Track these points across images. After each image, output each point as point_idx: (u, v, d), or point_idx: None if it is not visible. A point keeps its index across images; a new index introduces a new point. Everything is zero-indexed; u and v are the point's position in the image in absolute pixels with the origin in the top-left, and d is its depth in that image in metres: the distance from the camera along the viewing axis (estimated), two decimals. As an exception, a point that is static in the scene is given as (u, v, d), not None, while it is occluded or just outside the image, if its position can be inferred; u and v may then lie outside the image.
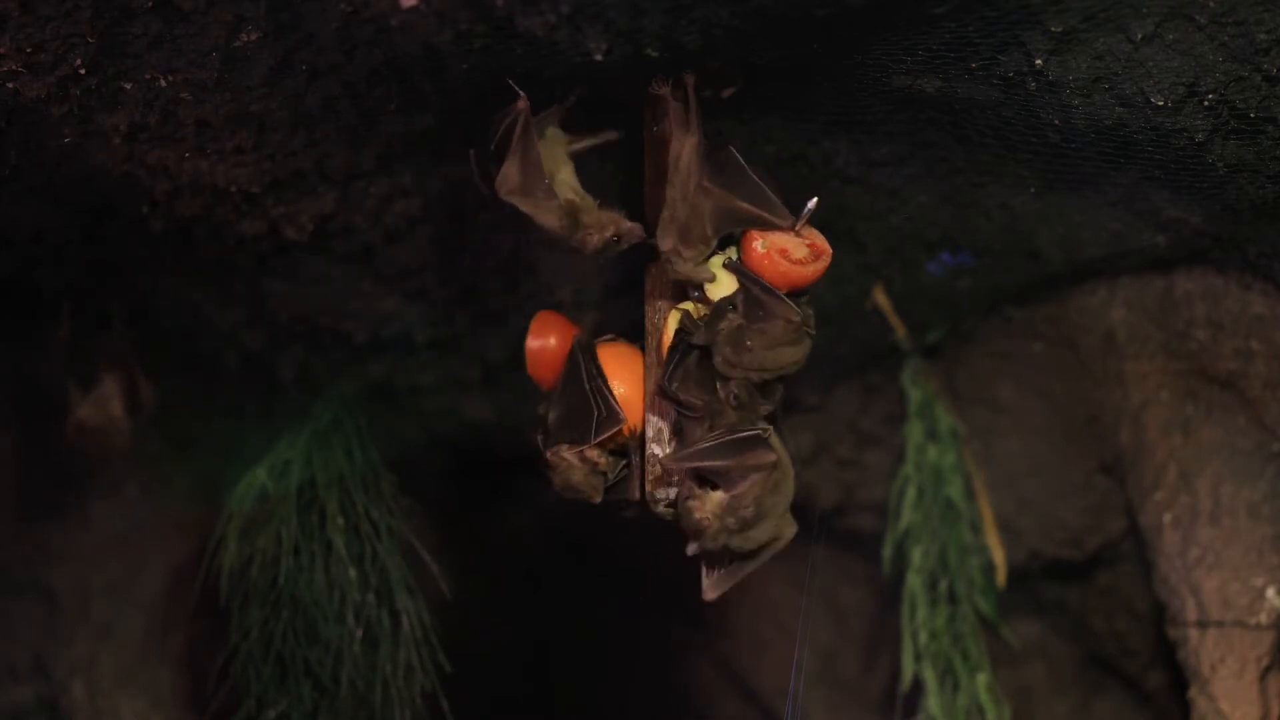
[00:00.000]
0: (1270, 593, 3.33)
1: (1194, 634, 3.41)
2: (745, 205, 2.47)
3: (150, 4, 2.31)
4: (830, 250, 2.51)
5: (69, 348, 3.61)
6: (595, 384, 2.64)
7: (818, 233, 2.53)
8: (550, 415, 2.69)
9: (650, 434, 2.61)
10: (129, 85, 2.50)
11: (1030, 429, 3.92)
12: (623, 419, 2.62)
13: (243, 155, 2.77)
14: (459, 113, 2.64)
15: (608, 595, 4.76)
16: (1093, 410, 3.75)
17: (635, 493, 2.65)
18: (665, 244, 2.49)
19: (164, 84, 2.49)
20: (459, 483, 4.31)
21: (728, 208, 2.47)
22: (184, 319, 3.56)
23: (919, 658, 3.71)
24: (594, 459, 2.63)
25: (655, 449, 2.60)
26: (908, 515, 3.75)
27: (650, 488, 2.60)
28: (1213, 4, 2.32)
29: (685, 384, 2.51)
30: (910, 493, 3.75)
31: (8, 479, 4.01)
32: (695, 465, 2.48)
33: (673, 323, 2.57)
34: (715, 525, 2.43)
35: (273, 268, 3.31)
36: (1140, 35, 2.38)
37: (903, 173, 3.01)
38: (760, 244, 2.47)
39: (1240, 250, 3.12)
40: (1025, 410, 3.90)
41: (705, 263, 2.51)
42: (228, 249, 3.17)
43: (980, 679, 3.71)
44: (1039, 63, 2.44)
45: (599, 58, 2.33)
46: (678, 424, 2.57)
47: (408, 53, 2.42)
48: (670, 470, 2.54)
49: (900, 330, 3.67)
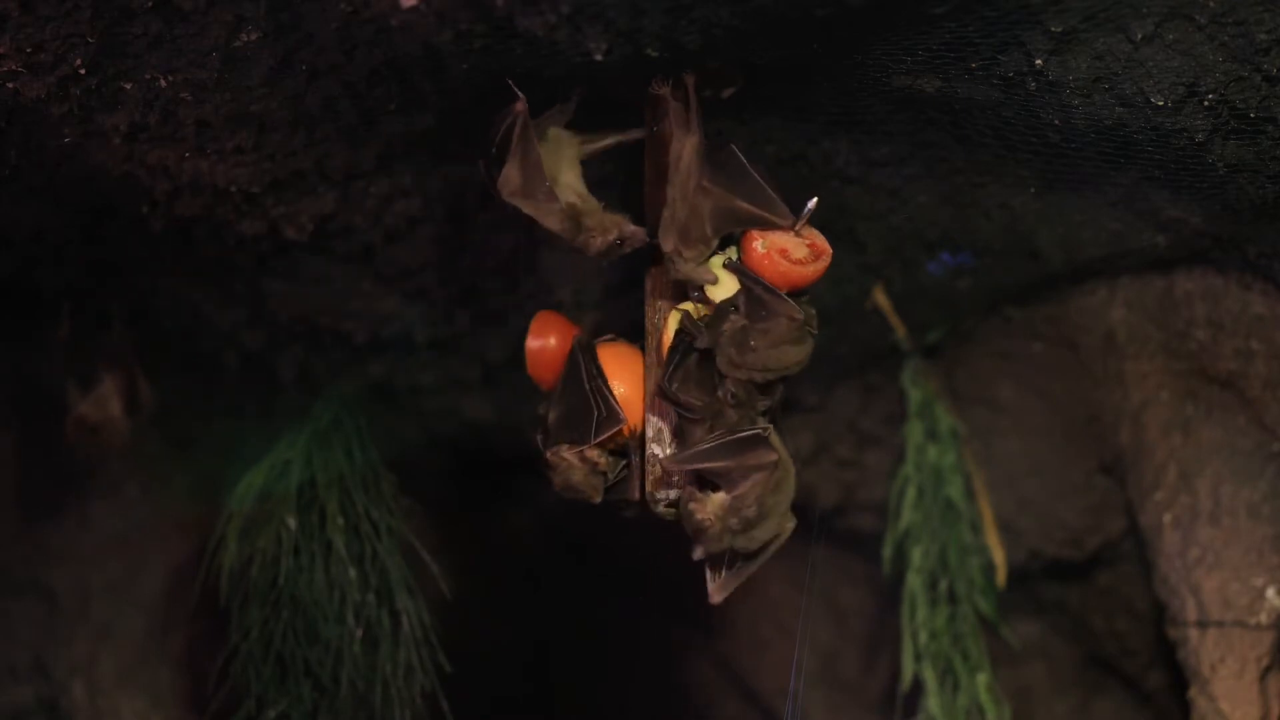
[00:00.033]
0: (1270, 593, 3.33)
1: (1194, 634, 3.41)
2: (745, 205, 2.47)
3: (150, 4, 2.31)
4: (830, 250, 2.51)
5: (69, 348, 3.61)
6: (595, 384, 2.64)
7: (818, 233, 2.53)
8: (550, 415, 2.69)
9: (650, 434, 2.60)
10: (129, 85, 2.50)
11: (1030, 429, 3.92)
12: (623, 419, 2.62)
13: (243, 155, 2.77)
14: (459, 113, 2.64)
15: (608, 595, 4.76)
16: (1093, 410, 3.75)
17: (635, 493, 2.65)
18: (667, 245, 2.49)
19: (164, 84, 2.49)
20: (459, 483, 4.31)
21: (727, 208, 2.47)
22: (184, 319, 3.56)
23: (919, 658, 3.71)
24: (594, 459, 2.63)
25: (655, 449, 2.59)
26: (908, 515, 3.75)
27: (650, 488, 2.59)
28: (1213, 4, 2.32)
29: (685, 385, 2.50)
30: (910, 493, 3.75)
31: (8, 479, 4.02)
32: (696, 466, 2.48)
33: (673, 323, 2.57)
34: (718, 526, 2.43)
35: (273, 268, 3.31)
36: (1140, 35, 2.38)
37: (903, 173, 3.01)
38: (760, 244, 2.47)
39: (1240, 250, 3.12)
40: (1025, 410, 3.90)
41: (706, 263, 2.51)
42: (228, 249, 3.17)
43: (980, 679, 3.71)
44: (1039, 63, 2.44)
45: (599, 58, 2.33)
46: (678, 425, 2.56)
47: (408, 53, 2.42)
48: (671, 471, 2.54)
49: (900, 330, 3.67)
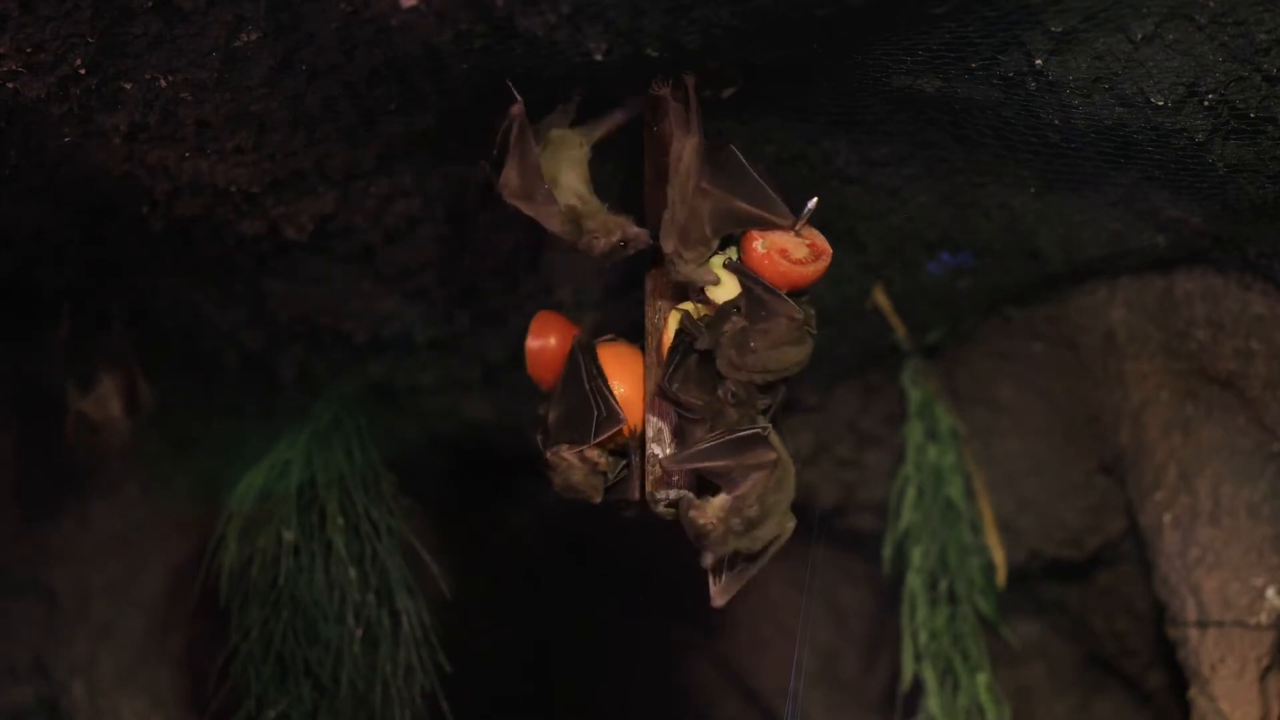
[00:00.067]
0: (1270, 593, 3.33)
1: (1194, 634, 3.41)
2: (744, 206, 2.47)
3: (150, 4, 2.31)
4: (830, 250, 2.51)
5: (69, 348, 3.61)
6: (595, 384, 2.64)
7: (818, 233, 2.53)
8: (550, 415, 2.69)
9: (650, 434, 2.60)
10: (129, 85, 2.50)
11: (1030, 429, 3.91)
12: (623, 419, 2.62)
13: (243, 155, 2.77)
14: (459, 113, 2.64)
15: (608, 595, 4.76)
16: (1093, 410, 3.75)
17: (635, 493, 2.65)
18: (667, 246, 2.49)
19: (164, 84, 2.49)
20: (459, 483, 4.31)
21: (726, 209, 2.47)
22: (184, 319, 3.56)
23: (919, 658, 3.71)
24: (594, 459, 2.63)
25: (655, 449, 2.59)
26: (908, 515, 3.75)
27: (650, 488, 2.59)
28: (1213, 4, 2.32)
29: (685, 385, 2.50)
30: (910, 493, 3.75)
31: (8, 479, 4.01)
32: (696, 466, 2.48)
33: (673, 323, 2.57)
34: (721, 529, 2.43)
35: (273, 268, 3.31)
36: (1140, 35, 2.38)
37: (903, 173, 3.01)
38: (760, 244, 2.47)
39: (1240, 250, 3.12)
40: (1025, 410, 3.90)
41: (706, 264, 2.51)
42: (228, 249, 3.17)
43: (980, 679, 3.71)
44: (1039, 63, 2.44)
45: (599, 58, 2.33)
46: (678, 425, 2.57)
47: (408, 53, 2.42)
48: (671, 471, 2.54)
49: (900, 330, 3.67)
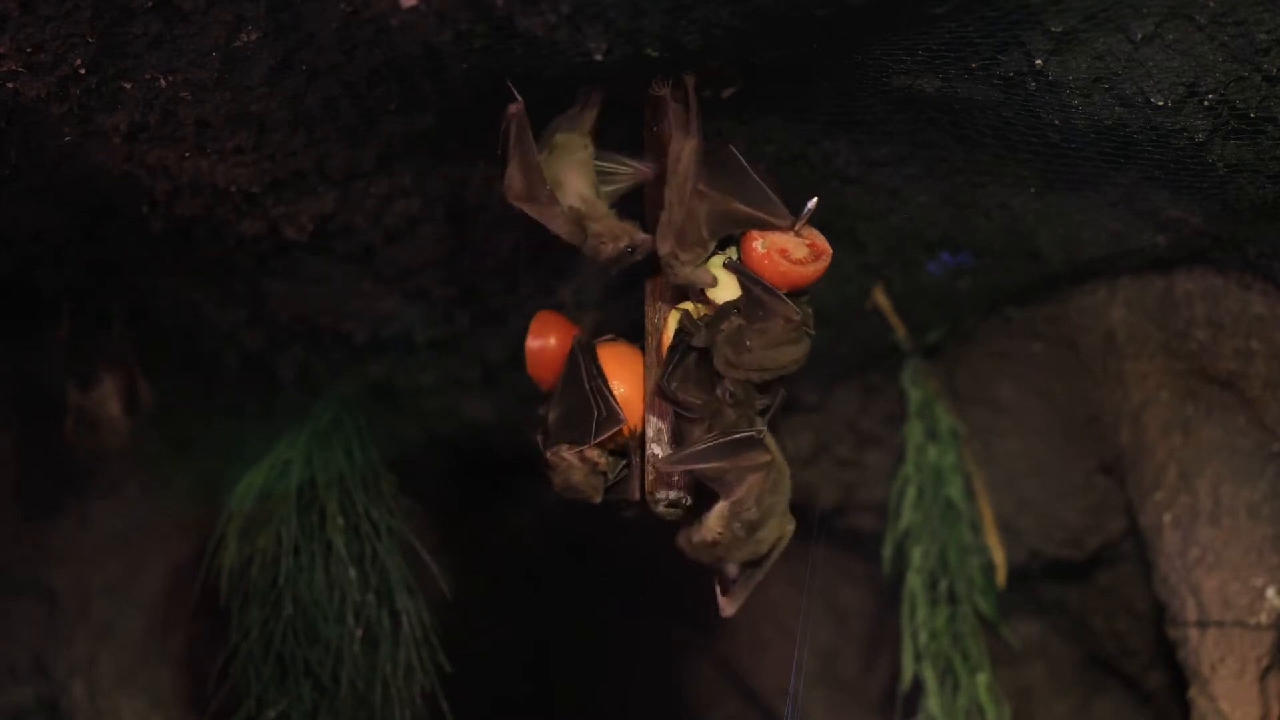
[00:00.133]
0: (1270, 593, 3.33)
1: (1194, 634, 3.40)
2: (742, 207, 2.47)
3: (150, 4, 2.31)
4: (830, 250, 2.51)
5: (69, 348, 3.61)
6: (595, 384, 2.64)
7: (818, 233, 2.52)
8: (550, 415, 2.68)
9: (650, 434, 2.60)
10: (129, 85, 2.50)
11: (1030, 429, 3.91)
12: (623, 419, 2.61)
13: (243, 155, 2.77)
14: (459, 113, 2.64)
15: (608, 595, 4.76)
16: (1093, 410, 3.75)
17: (635, 493, 2.64)
18: (663, 248, 2.49)
19: (164, 84, 2.49)
20: (459, 483, 4.31)
21: (723, 210, 2.47)
22: (184, 319, 3.56)
23: (919, 658, 3.71)
24: (594, 459, 2.63)
25: (655, 449, 2.59)
26: (908, 515, 3.75)
27: (650, 488, 2.59)
28: (1213, 4, 2.32)
29: (684, 384, 2.50)
30: (910, 493, 3.75)
31: (8, 479, 4.01)
32: (690, 467, 2.48)
33: (673, 323, 2.57)
34: (727, 536, 2.43)
35: (273, 268, 3.31)
36: (1140, 35, 2.38)
37: (903, 173, 3.01)
38: (760, 244, 2.47)
39: (1240, 250, 3.12)
40: (1025, 410, 3.90)
41: (705, 264, 2.51)
42: (228, 249, 3.16)
43: (980, 679, 3.71)
44: (1039, 63, 2.44)
45: (599, 58, 2.33)
46: (677, 425, 2.57)
47: (408, 53, 2.42)
48: (666, 473, 2.54)
49: (900, 330, 3.67)
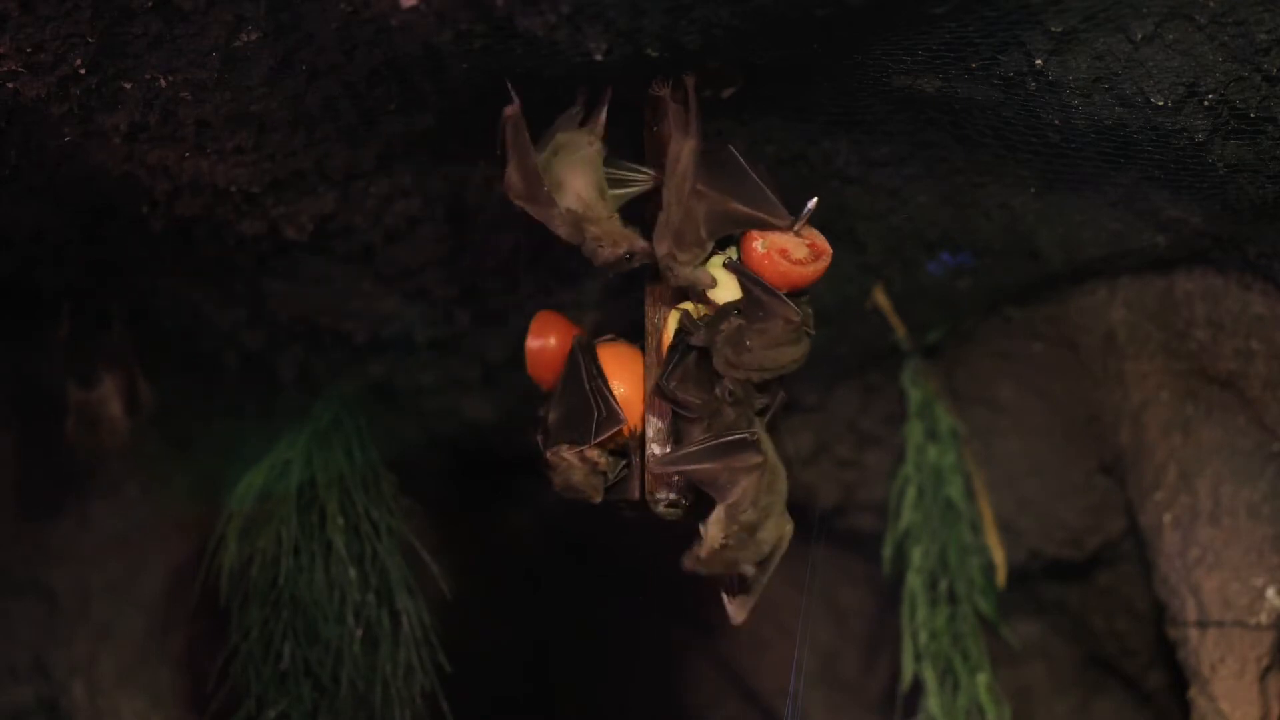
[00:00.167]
0: (1270, 593, 3.33)
1: (1194, 634, 3.40)
2: (740, 207, 2.46)
3: (150, 4, 2.31)
4: (830, 250, 2.51)
5: (69, 348, 3.61)
6: (595, 384, 2.64)
7: (818, 233, 2.52)
8: (550, 415, 2.68)
9: (650, 434, 2.60)
10: (129, 85, 2.50)
11: (1030, 429, 3.91)
12: (623, 419, 2.61)
13: (243, 155, 2.77)
14: (459, 113, 2.64)
15: (608, 595, 4.76)
16: (1093, 410, 3.75)
17: (635, 493, 2.64)
18: (661, 249, 2.48)
19: (164, 84, 2.49)
20: (459, 483, 4.31)
21: (721, 211, 2.46)
22: (184, 319, 3.56)
23: (919, 658, 3.71)
24: (594, 459, 2.63)
25: (655, 449, 2.59)
26: (908, 515, 3.75)
27: (650, 488, 2.60)
28: (1213, 4, 2.32)
29: (684, 384, 2.50)
30: (910, 493, 3.75)
31: (8, 479, 4.01)
32: (683, 468, 2.48)
33: (673, 323, 2.57)
34: (731, 539, 2.43)
35: (273, 268, 3.31)
36: (1140, 35, 2.38)
37: (903, 173, 3.01)
38: (760, 244, 2.47)
39: (1240, 250, 3.12)
40: (1025, 410, 3.90)
41: (704, 264, 2.51)
42: (228, 249, 3.17)
43: (980, 679, 3.71)
44: (1039, 63, 2.44)
45: (599, 58, 2.33)
46: (676, 424, 2.57)
47: (408, 53, 2.42)
48: (661, 475, 2.54)
49: (900, 330, 3.67)
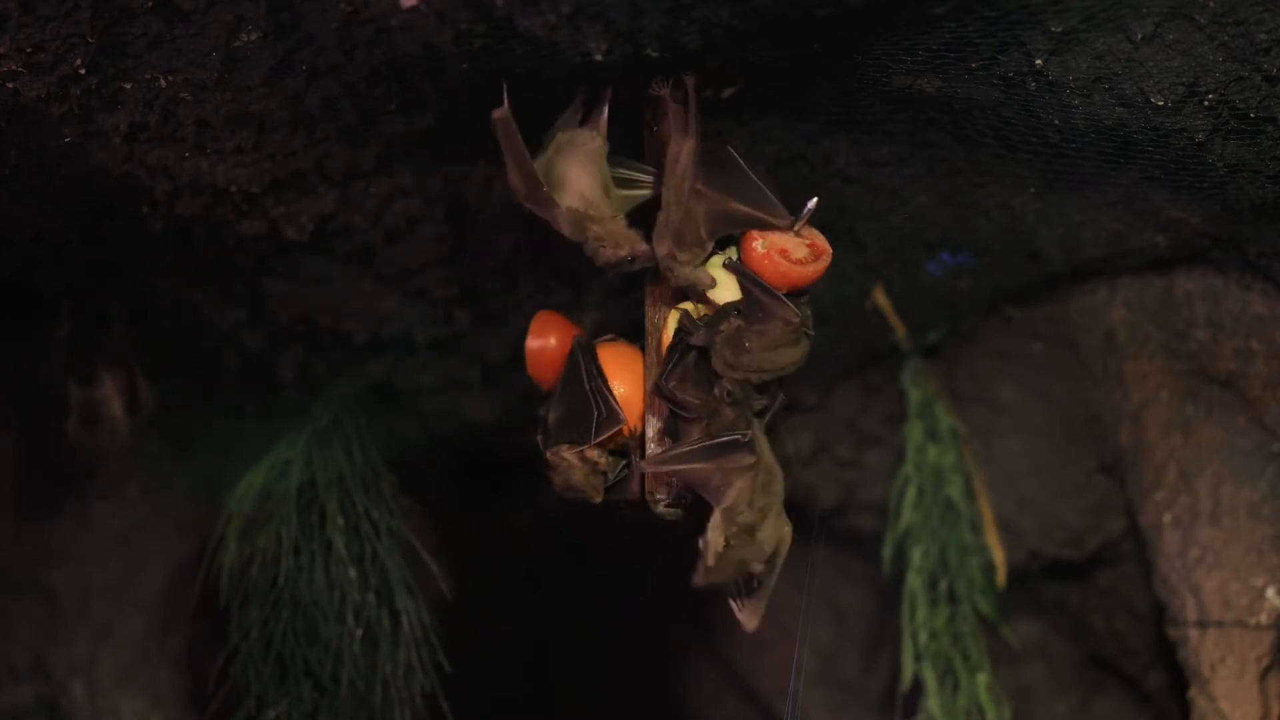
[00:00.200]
0: (1270, 593, 3.33)
1: (1194, 634, 3.41)
2: (740, 207, 2.46)
3: (150, 4, 2.31)
4: (830, 250, 2.51)
5: (69, 348, 3.61)
6: (595, 384, 2.64)
7: (818, 233, 2.52)
8: (550, 415, 2.69)
9: (650, 434, 2.60)
10: (129, 85, 2.50)
11: (1030, 429, 3.91)
12: (623, 419, 2.62)
13: (243, 155, 2.77)
14: (459, 113, 2.64)
15: (608, 595, 4.75)
16: (1093, 410, 3.75)
17: (635, 493, 2.65)
18: (661, 249, 2.48)
19: (164, 84, 2.49)
20: (459, 483, 4.31)
21: (721, 211, 2.46)
22: (184, 319, 3.56)
23: (919, 658, 3.71)
24: (594, 459, 2.63)
25: (655, 449, 2.60)
26: (908, 515, 3.75)
27: (650, 488, 2.60)
28: (1213, 4, 2.32)
29: (683, 384, 2.50)
30: (910, 493, 3.75)
31: (8, 479, 4.01)
32: (676, 468, 2.48)
33: (673, 323, 2.57)
34: (733, 542, 2.43)
35: (273, 268, 3.31)
36: (1140, 35, 2.38)
37: (903, 173, 3.01)
38: (760, 244, 2.47)
39: (1240, 250, 3.12)
40: (1025, 410, 3.90)
41: (704, 264, 2.51)
42: (228, 249, 3.17)
43: (980, 679, 3.71)
44: (1039, 63, 2.44)
45: (599, 58, 2.33)
46: (675, 424, 2.57)
47: (408, 53, 2.42)
48: (652, 474, 2.54)
49: (900, 330, 3.67)
